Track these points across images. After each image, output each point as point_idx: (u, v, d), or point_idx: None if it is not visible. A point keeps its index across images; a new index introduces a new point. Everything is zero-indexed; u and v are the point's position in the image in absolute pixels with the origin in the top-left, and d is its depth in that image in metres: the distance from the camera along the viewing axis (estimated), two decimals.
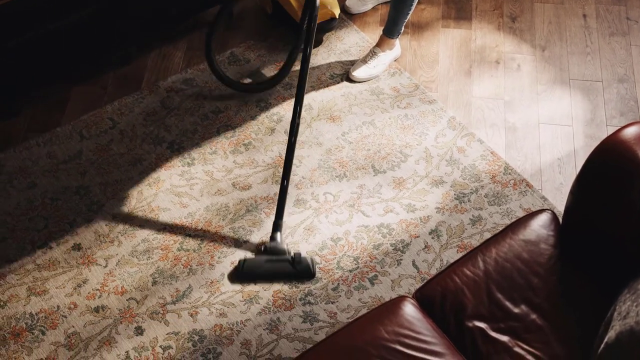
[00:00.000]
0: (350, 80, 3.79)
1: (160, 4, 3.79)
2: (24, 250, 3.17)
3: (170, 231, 3.23)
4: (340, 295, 3.06)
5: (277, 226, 3.17)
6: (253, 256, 3.17)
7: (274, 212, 3.26)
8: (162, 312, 3.00)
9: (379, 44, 3.80)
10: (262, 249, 3.16)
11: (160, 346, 2.91)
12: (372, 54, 3.79)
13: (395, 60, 3.88)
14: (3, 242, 3.19)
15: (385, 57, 3.80)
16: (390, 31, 3.74)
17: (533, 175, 3.45)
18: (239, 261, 3.13)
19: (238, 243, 3.20)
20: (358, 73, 3.77)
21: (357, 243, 3.21)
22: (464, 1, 4.23)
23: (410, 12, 3.64)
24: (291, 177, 3.38)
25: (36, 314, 3.00)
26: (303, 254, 3.17)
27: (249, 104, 3.69)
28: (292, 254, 3.13)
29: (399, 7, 3.62)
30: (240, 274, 3.11)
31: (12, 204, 3.32)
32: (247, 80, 3.79)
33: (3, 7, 3.23)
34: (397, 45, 3.84)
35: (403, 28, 3.73)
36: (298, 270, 3.10)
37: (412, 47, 3.99)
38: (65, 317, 2.99)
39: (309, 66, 3.32)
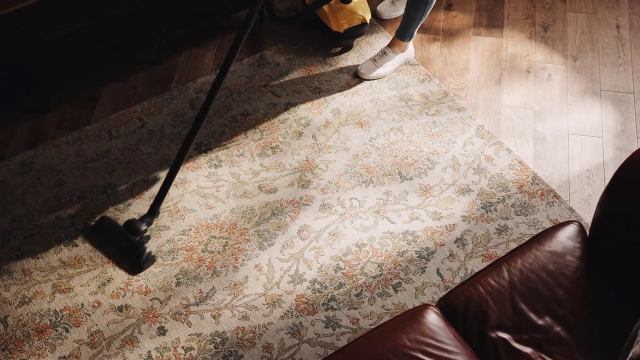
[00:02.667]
0: (357, 76, 3.83)
1: (192, 3, 3.81)
2: (50, 248, 3.19)
3: (195, 232, 3.24)
4: (363, 302, 3.05)
5: (151, 211, 3.22)
6: (116, 221, 3.28)
7: (300, 216, 3.27)
8: (185, 313, 3.01)
9: (390, 45, 3.80)
10: (127, 221, 3.19)
11: (182, 347, 2.92)
12: (382, 53, 3.80)
13: (408, 63, 3.88)
14: (30, 239, 3.22)
15: (395, 59, 3.80)
16: (402, 34, 3.74)
17: (561, 186, 3.42)
18: (103, 217, 3.27)
19: (262, 246, 3.20)
20: (364, 70, 3.80)
21: (381, 249, 3.20)
22: (495, 9, 4.21)
23: (424, 18, 3.64)
24: (317, 181, 3.38)
25: (60, 311, 3.02)
26: (149, 250, 3.17)
27: (277, 106, 3.69)
28: (139, 239, 3.14)
29: (412, 12, 3.63)
30: (95, 226, 3.25)
31: (40, 200, 3.34)
32: None
33: (38, 4, 3.25)
34: (410, 47, 3.83)
35: (416, 32, 3.73)
36: (131, 254, 3.15)
37: (443, 54, 3.97)
38: (89, 315, 3.01)
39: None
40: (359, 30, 3.91)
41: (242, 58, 3.92)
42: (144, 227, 3.17)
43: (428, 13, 3.61)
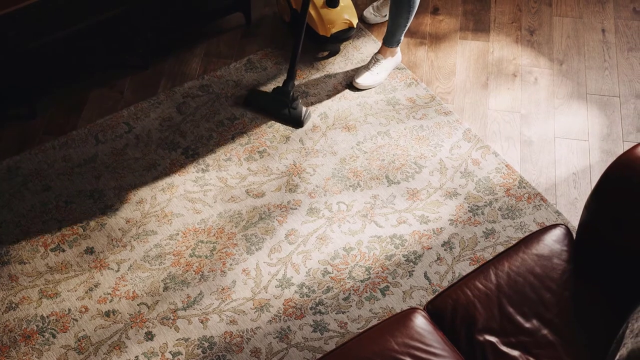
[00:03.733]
0: (353, 88, 3.80)
1: (179, 8, 3.80)
2: (36, 253, 3.18)
3: (182, 237, 3.24)
4: (351, 305, 3.05)
5: (290, 75, 3.65)
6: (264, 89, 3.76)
7: (287, 220, 3.27)
8: (172, 317, 3.01)
9: (380, 51, 3.80)
10: (274, 89, 3.68)
11: (170, 352, 2.91)
12: (374, 60, 3.79)
13: (397, 68, 3.88)
14: (16, 244, 3.20)
15: (387, 64, 3.80)
16: (389, 41, 3.75)
17: (548, 189, 3.44)
18: (252, 89, 3.75)
19: (250, 250, 3.20)
20: (362, 80, 3.78)
21: (369, 253, 3.20)
22: (482, 13, 4.22)
23: (408, 25, 3.65)
24: (305, 185, 3.38)
25: (47, 316, 3.01)
26: (304, 107, 3.65)
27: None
28: (293, 101, 3.62)
29: (395, 20, 3.64)
30: (248, 97, 3.72)
31: (27, 206, 3.33)
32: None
33: (23, 10, 3.25)
34: (399, 53, 3.84)
35: (402, 38, 3.74)
36: (291, 114, 3.62)
37: (429, 58, 3.98)
38: (76, 320, 3.00)
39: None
40: (346, 34, 3.91)
41: (228, 62, 3.92)
42: (290, 90, 3.64)
43: (412, 19, 3.62)
